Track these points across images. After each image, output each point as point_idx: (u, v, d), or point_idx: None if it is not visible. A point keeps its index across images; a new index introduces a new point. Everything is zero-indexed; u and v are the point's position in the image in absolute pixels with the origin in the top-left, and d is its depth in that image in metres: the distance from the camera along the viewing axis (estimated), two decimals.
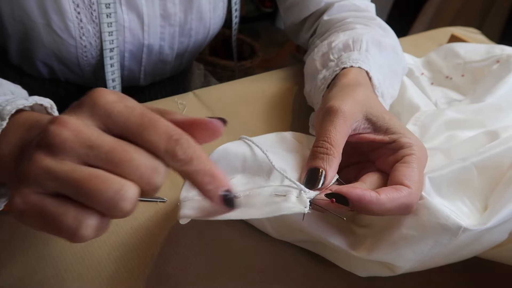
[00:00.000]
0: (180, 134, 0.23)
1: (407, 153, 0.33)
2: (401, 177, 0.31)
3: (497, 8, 1.77)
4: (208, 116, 0.25)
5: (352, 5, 0.57)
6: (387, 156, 0.34)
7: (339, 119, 0.34)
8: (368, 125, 0.35)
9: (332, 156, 0.32)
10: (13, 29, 0.52)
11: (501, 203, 0.31)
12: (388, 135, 0.35)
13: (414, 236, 0.31)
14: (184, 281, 0.35)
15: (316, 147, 0.33)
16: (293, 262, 0.38)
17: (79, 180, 0.22)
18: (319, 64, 0.49)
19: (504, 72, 0.53)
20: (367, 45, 0.47)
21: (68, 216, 0.22)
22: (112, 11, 0.51)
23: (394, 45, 0.50)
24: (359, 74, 0.42)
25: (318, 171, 0.31)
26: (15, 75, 0.61)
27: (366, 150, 0.37)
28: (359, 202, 0.29)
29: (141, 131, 0.23)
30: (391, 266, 0.34)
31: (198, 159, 0.24)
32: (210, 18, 0.60)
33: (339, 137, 0.33)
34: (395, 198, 0.30)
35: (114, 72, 0.57)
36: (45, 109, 0.33)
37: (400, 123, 0.36)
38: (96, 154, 0.22)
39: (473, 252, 0.34)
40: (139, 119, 0.23)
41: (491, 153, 0.35)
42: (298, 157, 0.35)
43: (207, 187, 0.24)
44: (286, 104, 0.58)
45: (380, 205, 0.29)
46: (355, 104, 0.35)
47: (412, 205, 0.31)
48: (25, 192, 0.22)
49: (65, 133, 0.22)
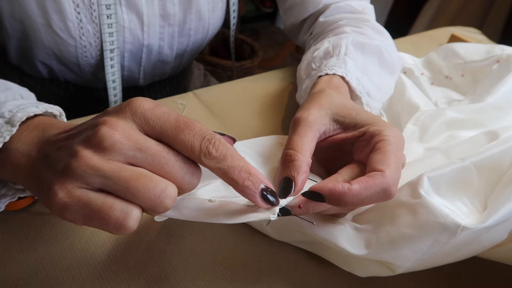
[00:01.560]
0: (211, 134, 0.26)
1: (378, 140, 0.33)
2: (374, 164, 0.31)
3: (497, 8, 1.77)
4: (219, 132, 0.27)
5: (348, 6, 0.57)
6: (362, 148, 0.34)
7: (302, 127, 0.34)
8: (337, 126, 0.36)
9: (297, 161, 0.32)
10: (12, 29, 0.52)
11: (501, 202, 0.31)
12: (357, 129, 0.35)
13: (413, 235, 0.31)
14: (184, 281, 0.35)
15: (282, 157, 0.33)
16: (293, 262, 0.38)
17: (128, 178, 0.24)
18: (304, 73, 0.51)
19: (504, 72, 0.53)
20: (347, 48, 0.48)
21: (116, 209, 0.24)
22: (112, 12, 0.51)
23: (382, 46, 0.50)
24: (328, 80, 0.43)
25: (289, 180, 0.32)
26: (14, 75, 0.61)
27: (349, 150, 0.37)
28: (332, 195, 0.29)
29: (176, 134, 0.25)
30: (390, 266, 0.34)
31: (232, 156, 0.26)
32: (209, 18, 0.60)
33: (303, 141, 0.33)
34: (369, 186, 0.30)
35: (114, 73, 0.57)
36: (54, 116, 0.35)
37: (370, 114, 0.36)
38: (143, 156, 0.25)
39: (473, 252, 0.34)
40: (174, 122, 0.26)
41: (491, 152, 0.35)
42: (275, 166, 0.35)
43: (245, 182, 0.26)
44: (286, 104, 0.58)
45: (354, 195, 0.29)
46: (318, 109, 0.36)
47: (390, 189, 0.30)
48: (70, 187, 0.24)
49: (116, 136, 0.24)
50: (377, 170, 0.31)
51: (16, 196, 0.35)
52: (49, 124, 0.31)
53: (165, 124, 0.26)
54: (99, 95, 0.63)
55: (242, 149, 0.35)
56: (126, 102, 0.26)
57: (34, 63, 0.57)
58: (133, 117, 0.26)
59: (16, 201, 0.37)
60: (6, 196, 0.35)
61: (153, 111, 0.26)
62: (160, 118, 0.26)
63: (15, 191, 0.35)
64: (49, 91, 0.62)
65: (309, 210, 0.31)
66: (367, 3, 0.59)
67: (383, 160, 0.31)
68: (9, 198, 0.35)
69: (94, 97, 0.63)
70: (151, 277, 0.35)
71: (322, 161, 0.39)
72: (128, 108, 0.26)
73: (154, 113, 0.26)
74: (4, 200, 0.34)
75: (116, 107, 0.27)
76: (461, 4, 1.82)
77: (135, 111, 0.26)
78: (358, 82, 0.44)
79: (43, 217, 0.38)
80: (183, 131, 0.25)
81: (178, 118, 0.26)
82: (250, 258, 0.38)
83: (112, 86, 0.58)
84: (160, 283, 0.35)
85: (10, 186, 0.34)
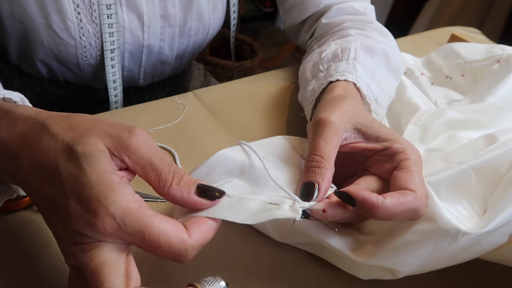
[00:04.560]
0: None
1: (403, 158, 0.33)
2: (404, 183, 0.31)
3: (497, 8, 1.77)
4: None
5: (350, 7, 0.57)
6: (382, 163, 0.35)
7: (328, 131, 0.34)
8: (358, 135, 0.36)
9: (324, 169, 0.32)
10: (12, 28, 0.52)
11: (500, 206, 0.31)
12: (380, 142, 0.35)
13: (414, 241, 0.31)
14: (184, 281, 0.35)
15: (308, 161, 0.33)
16: (293, 263, 0.38)
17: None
18: (309, 74, 0.50)
19: (504, 72, 0.53)
20: (356, 52, 0.47)
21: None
22: (113, 12, 0.51)
23: (388, 49, 0.50)
24: (345, 87, 0.43)
25: (313, 185, 0.32)
26: (14, 74, 0.61)
27: (361, 160, 0.37)
28: (365, 204, 0.29)
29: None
30: (392, 271, 0.34)
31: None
32: (209, 18, 0.60)
33: (329, 148, 0.33)
34: (401, 203, 0.30)
35: (115, 73, 0.57)
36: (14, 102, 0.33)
37: (390, 130, 0.36)
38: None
39: (473, 255, 0.34)
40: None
41: (489, 156, 0.35)
42: (294, 168, 0.36)
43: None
44: (286, 104, 0.58)
45: (385, 209, 0.29)
46: (343, 114, 0.35)
47: (420, 209, 0.31)
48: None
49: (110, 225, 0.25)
50: (407, 189, 0.31)
51: (15, 194, 0.35)
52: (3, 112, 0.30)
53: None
54: (98, 95, 0.63)
55: (260, 152, 0.35)
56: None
57: (33, 63, 0.57)
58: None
59: (16, 201, 0.37)
60: (4, 193, 0.34)
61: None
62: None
63: (12, 188, 0.35)
64: (48, 91, 0.62)
65: (328, 217, 0.31)
66: (368, 3, 0.59)
67: (411, 179, 0.31)
68: (6, 195, 0.34)
69: (94, 97, 0.63)
70: (151, 277, 0.35)
71: None
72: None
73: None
74: (1, 197, 0.34)
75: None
76: (461, 4, 1.82)
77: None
78: (368, 88, 0.44)
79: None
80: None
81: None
82: (250, 258, 0.38)
83: (113, 86, 0.58)
84: (160, 283, 0.35)
85: (7, 184, 0.34)
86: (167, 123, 0.51)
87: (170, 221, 0.26)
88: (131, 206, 0.25)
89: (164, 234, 0.25)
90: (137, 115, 0.52)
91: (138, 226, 0.25)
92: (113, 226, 0.25)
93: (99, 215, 0.24)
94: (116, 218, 0.25)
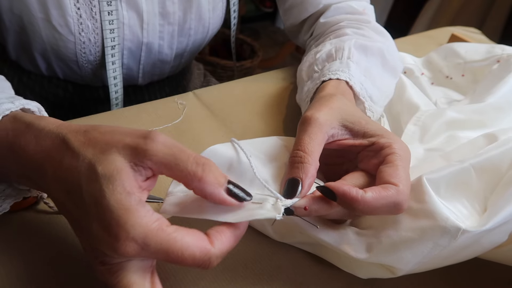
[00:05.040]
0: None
1: (389, 153, 0.33)
2: (387, 177, 0.31)
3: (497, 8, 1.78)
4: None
5: (349, 7, 0.57)
6: (370, 159, 0.35)
7: (313, 127, 0.34)
8: (346, 131, 0.36)
9: (307, 164, 0.32)
10: (11, 22, 0.52)
11: (500, 204, 0.31)
12: (366, 138, 0.35)
13: (413, 239, 0.31)
14: (184, 281, 0.35)
15: (292, 157, 0.33)
16: (293, 263, 0.38)
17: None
18: (305, 75, 0.50)
19: (504, 72, 0.53)
20: (350, 51, 0.47)
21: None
22: (113, 8, 0.51)
23: (384, 47, 0.50)
24: (336, 85, 0.43)
25: (296, 182, 0.32)
26: (13, 73, 0.61)
27: (352, 158, 0.37)
28: (345, 197, 0.30)
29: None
30: (391, 268, 0.34)
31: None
32: (209, 18, 0.60)
33: (313, 144, 0.33)
34: (382, 197, 0.30)
35: (115, 69, 0.57)
36: (32, 112, 0.34)
37: (378, 125, 0.36)
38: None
39: (473, 254, 0.34)
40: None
41: (490, 154, 0.35)
42: (281, 165, 0.36)
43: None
44: (286, 104, 0.58)
45: (365, 203, 0.29)
46: (329, 112, 0.35)
47: (401, 203, 0.30)
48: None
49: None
50: (390, 183, 0.31)
51: (21, 197, 0.35)
52: (27, 123, 0.31)
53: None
54: (98, 94, 0.63)
55: (248, 149, 0.35)
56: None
57: (32, 57, 0.57)
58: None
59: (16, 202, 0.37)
60: (11, 197, 0.35)
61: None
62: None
63: (19, 191, 0.35)
64: (48, 91, 0.62)
65: (311, 213, 0.31)
66: (367, 3, 0.59)
67: (395, 174, 0.31)
68: (13, 198, 0.35)
69: (93, 96, 0.63)
70: None
71: (320, 165, 0.39)
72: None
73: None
74: (8, 201, 0.34)
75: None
76: (461, 4, 1.82)
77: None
78: (362, 86, 0.44)
79: (45, 216, 0.38)
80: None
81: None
82: (250, 258, 0.38)
83: (113, 83, 0.58)
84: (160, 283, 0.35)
85: (15, 187, 0.34)
86: (167, 123, 0.51)
87: (191, 232, 0.27)
88: (151, 226, 0.26)
89: (188, 249, 0.26)
90: (137, 115, 0.52)
91: (161, 245, 0.25)
92: (135, 249, 0.25)
93: (120, 239, 0.25)
94: (137, 241, 0.25)
